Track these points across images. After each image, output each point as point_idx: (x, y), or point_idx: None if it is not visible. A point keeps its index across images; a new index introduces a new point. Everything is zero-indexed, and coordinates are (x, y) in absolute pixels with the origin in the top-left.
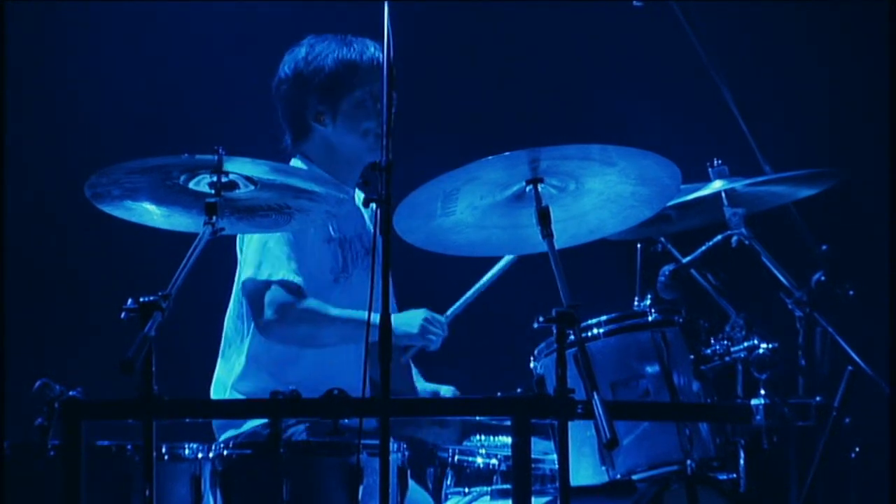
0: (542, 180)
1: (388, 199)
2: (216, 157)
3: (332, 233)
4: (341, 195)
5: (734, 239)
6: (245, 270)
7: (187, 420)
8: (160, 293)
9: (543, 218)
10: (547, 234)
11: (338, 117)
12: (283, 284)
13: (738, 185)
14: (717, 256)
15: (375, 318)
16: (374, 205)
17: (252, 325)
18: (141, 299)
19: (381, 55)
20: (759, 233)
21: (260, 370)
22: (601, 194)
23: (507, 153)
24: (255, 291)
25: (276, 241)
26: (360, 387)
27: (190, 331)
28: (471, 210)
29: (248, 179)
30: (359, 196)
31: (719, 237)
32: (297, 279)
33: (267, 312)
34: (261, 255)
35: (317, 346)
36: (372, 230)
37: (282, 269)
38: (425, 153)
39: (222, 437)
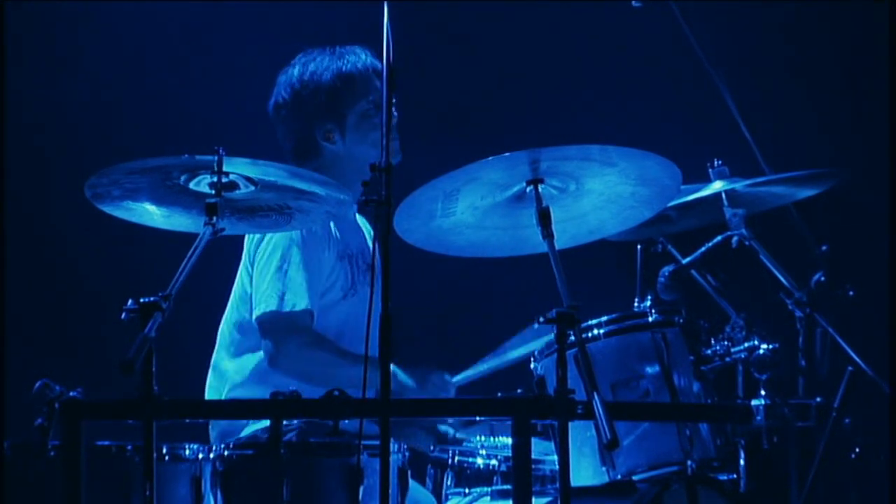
0: (542, 181)
1: (388, 200)
2: (216, 158)
3: (346, 248)
4: (342, 196)
5: (734, 239)
6: (265, 301)
7: (187, 420)
8: (160, 294)
9: (544, 218)
10: (547, 234)
11: (346, 132)
12: (301, 317)
13: (739, 185)
14: (718, 257)
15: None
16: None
17: (257, 336)
18: (141, 300)
19: (374, 61)
20: (760, 233)
21: (261, 384)
22: (601, 195)
23: (507, 154)
24: (276, 323)
25: (296, 267)
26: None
27: (190, 331)
28: (471, 211)
29: (249, 180)
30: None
31: (719, 238)
32: (313, 308)
33: (284, 349)
34: (283, 284)
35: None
36: (370, 243)
37: (303, 299)
38: (425, 154)
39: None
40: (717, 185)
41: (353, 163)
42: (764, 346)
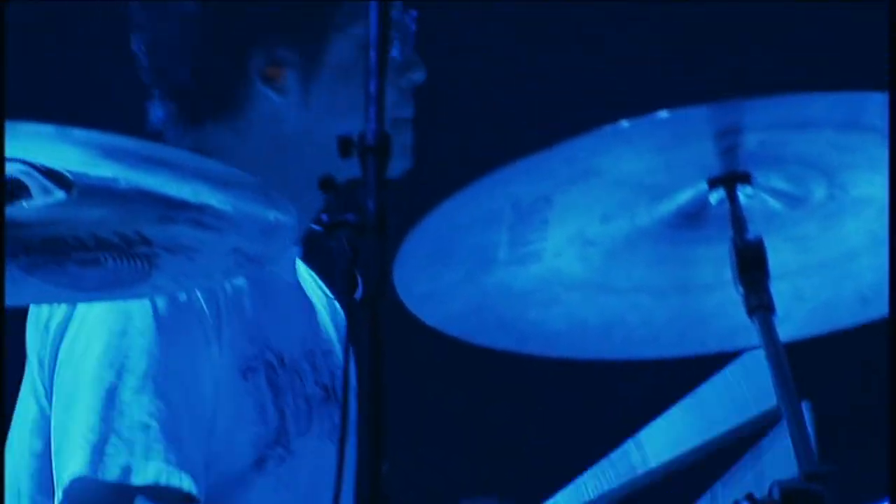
0: (747, 178)
1: (381, 223)
2: None
3: (257, 350)
4: (276, 215)
5: None
6: (71, 453)
7: None
8: None
9: (750, 264)
10: (760, 305)
11: (314, 77)
12: (157, 496)
13: None
14: None
15: None
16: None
17: None
18: None
19: None
20: None
21: None
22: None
23: (665, 111)
24: None
25: (136, 387)
26: None
27: None
28: (579, 247)
29: (53, 176)
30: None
31: None
32: (185, 482)
33: None
34: (102, 419)
35: None
36: (331, 333)
37: (152, 456)
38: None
39: None
40: None
41: (309, 146)
42: None
